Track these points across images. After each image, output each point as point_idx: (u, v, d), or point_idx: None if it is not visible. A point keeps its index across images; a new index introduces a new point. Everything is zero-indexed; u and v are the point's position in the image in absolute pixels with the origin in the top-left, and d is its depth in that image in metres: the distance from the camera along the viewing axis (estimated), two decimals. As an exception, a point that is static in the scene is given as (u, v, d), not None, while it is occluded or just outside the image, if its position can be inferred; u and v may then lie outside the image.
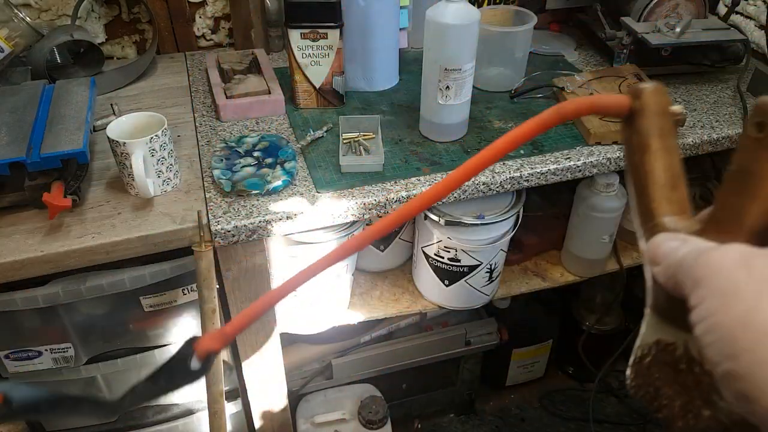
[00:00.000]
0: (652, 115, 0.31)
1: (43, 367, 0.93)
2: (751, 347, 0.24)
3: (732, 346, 0.24)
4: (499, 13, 1.17)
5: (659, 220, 0.30)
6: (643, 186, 0.31)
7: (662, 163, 0.30)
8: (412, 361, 1.33)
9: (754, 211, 0.26)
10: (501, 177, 0.92)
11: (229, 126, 1.03)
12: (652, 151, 0.30)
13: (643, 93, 0.31)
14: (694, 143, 1.01)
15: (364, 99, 1.11)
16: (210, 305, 0.85)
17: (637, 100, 0.31)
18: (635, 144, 0.31)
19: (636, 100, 0.31)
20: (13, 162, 0.78)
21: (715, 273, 0.26)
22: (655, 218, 0.30)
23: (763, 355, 0.23)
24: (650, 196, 0.30)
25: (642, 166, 0.31)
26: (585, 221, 1.12)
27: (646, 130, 0.31)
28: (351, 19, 1.03)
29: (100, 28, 1.21)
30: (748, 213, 0.26)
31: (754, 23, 1.26)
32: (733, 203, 0.27)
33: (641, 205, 0.31)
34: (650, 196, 0.30)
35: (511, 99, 1.11)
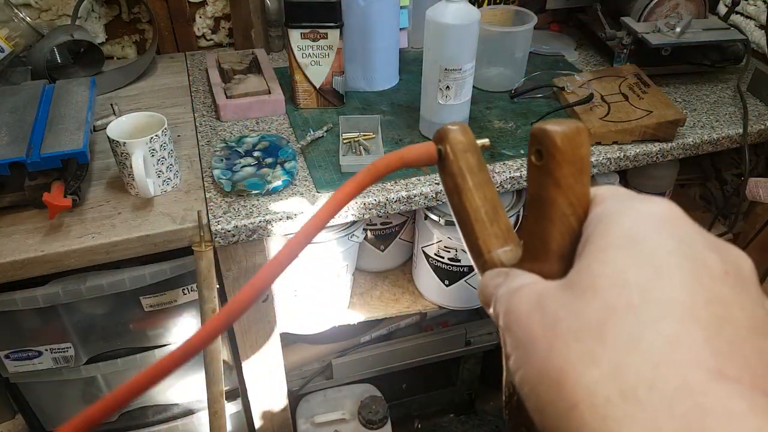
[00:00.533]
0: (460, 155, 0.31)
1: (43, 367, 0.93)
2: (551, 400, 0.21)
3: (537, 401, 0.22)
4: (499, 13, 1.17)
5: (486, 257, 0.30)
6: (466, 225, 0.31)
7: (478, 200, 0.31)
8: (412, 361, 1.33)
9: (555, 235, 0.26)
10: (501, 177, 0.92)
11: (229, 126, 1.03)
12: (466, 190, 0.31)
13: (446, 136, 0.31)
14: (694, 143, 1.01)
15: (364, 99, 1.11)
16: (210, 305, 0.85)
17: (442, 144, 0.31)
18: (451, 186, 0.31)
19: (440, 144, 0.32)
20: (13, 162, 0.78)
21: (516, 321, 0.24)
22: (483, 255, 0.30)
23: (562, 407, 0.20)
24: (475, 233, 0.30)
25: (462, 207, 0.31)
26: (585, 221, 1.12)
27: (456, 171, 0.31)
28: (351, 19, 1.03)
29: (100, 28, 1.21)
30: (550, 238, 0.26)
31: (754, 23, 1.26)
32: (535, 230, 0.26)
33: (470, 245, 0.31)
34: (475, 233, 0.30)
35: (511, 99, 1.11)
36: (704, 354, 0.19)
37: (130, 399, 0.28)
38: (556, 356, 0.21)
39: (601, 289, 0.21)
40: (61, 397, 1.04)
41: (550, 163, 0.25)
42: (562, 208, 0.25)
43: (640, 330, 0.20)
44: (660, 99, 1.02)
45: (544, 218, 0.26)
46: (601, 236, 0.23)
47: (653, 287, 0.20)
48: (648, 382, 0.19)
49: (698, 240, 0.22)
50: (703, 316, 0.20)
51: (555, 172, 0.25)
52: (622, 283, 0.21)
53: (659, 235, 0.22)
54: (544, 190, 0.25)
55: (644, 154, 0.99)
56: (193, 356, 0.29)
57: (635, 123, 0.98)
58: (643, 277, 0.21)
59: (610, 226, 0.23)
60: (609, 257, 0.22)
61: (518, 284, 0.25)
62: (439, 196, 0.90)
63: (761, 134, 1.05)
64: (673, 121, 0.98)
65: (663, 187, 1.17)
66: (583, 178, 0.25)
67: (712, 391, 0.18)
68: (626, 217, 0.23)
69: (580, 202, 0.25)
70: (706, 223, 1.26)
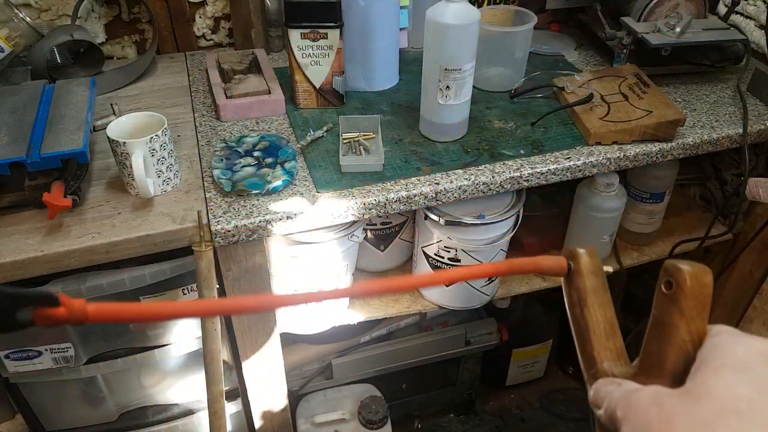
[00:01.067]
0: (588, 274, 0.36)
1: (43, 367, 0.93)
2: None
3: None
4: (499, 13, 1.17)
5: (599, 366, 0.34)
6: (584, 336, 0.35)
7: (599, 316, 0.35)
8: (412, 361, 1.33)
9: (671, 356, 0.30)
10: (501, 177, 0.92)
11: (229, 126, 1.03)
12: (589, 305, 0.35)
13: (578, 256, 0.36)
14: (694, 143, 1.01)
15: (364, 99, 1.11)
16: (210, 305, 0.85)
17: (573, 262, 0.37)
18: (575, 299, 0.36)
19: (572, 261, 0.37)
20: (13, 162, 0.78)
21: (634, 411, 0.30)
22: (596, 365, 0.34)
23: None
24: (591, 345, 0.35)
25: (582, 319, 0.35)
26: (585, 221, 1.12)
27: (583, 288, 0.36)
28: (351, 19, 1.03)
29: (100, 28, 1.21)
30: (666, 358, 0.30)
31: (754, 23, 1.26)
32: (654, 350, 0.31)
33: (583, 353, 0.36)
34: (591, 345, 0.35)
35: (511, 99, 1.11)
36: None
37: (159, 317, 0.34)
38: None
39: (715, 396, 0.27)
40: (61, 397, 1.04)
41: (679, 295, 0.30)
42: (682, 334, 0.30)
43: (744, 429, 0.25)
44: (660, 99, 1.02)
45: (665, 341, 0.30)
46: (716, 359, 0.29)
47: (758, 400, 0.26)
48: None
49: None
50: None
51: (681, 303, 0.30)
52: (732, 394, 0.27)
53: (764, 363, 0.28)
54: (668, 316, 0.30)
55: (644, 154, 0.99)
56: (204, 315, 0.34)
57: (635, 123, 0.98)
58: (751, 392, 0.27)
59: (725, 352, 0.29)
60: (722, 375, 0.28)
61: (636, 387, 0.31)
62: (439, 196, 0.90)
63: (761, 134, 1.05)
64: (673, 121, 0.98)
65: (663, 187, 1.17)
66: (704, 313, 0.30)
67: None
68: (739, 347, 0.29)
69: (698, 332, 0.30)
70: (706, 223, 1.26)
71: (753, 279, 1.30)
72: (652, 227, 1.24)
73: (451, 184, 0.90)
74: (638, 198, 1.19)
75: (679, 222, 1.32)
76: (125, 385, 1.06)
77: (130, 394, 1.08)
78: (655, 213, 1.21)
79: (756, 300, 1.32)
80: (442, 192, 0.90)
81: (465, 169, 0.93)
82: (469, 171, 0.93)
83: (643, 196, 1.18)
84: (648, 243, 1.27)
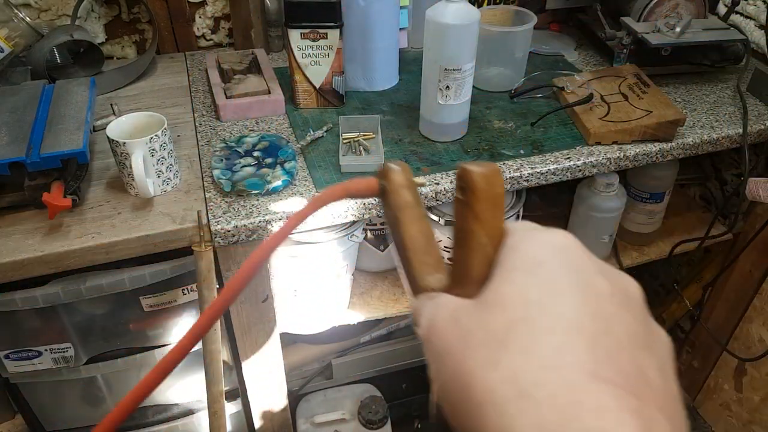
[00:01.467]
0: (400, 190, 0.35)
1: (43, 367, 0.93)
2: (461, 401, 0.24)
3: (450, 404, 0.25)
4: (499, 13, 1.17)
5: (420, 283, 0.33)
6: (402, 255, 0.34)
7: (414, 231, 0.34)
8: (412, 361, 1.33)
9: (475, 263, 0.29)
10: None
11: (229, 126, 1.03)
12: (403, 221, 0.34)
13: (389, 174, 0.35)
14: (694, 143, 1.01)
15: (364, 99, 1.11)
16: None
17: (384, 180, 0.36)
18: (391, 219, 0.35)
19: (383, 180, 0.36)
20: (13, 162, 0.78)
21: (435, 333, 0.27)
22: (417, 281, 0.33)
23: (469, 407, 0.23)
24: (410, 262, 0.34)
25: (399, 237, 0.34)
26: (585, 221, 1.12)
27: (395, 205, 0.35)
28: (351, 19, 1.03)
29: (100, 28, 1.21)
30: (470, 265, 0.29)
31: (754, 23, 1.26)
32: (458, 257, 0.30)
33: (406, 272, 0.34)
34: (410, 262, 0.34)
35: (511, 99, 1.11)
36: (585, 360, 0.22)
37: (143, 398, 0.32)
38: (467, 363, 0.24)
39: (507, 306, 0.25)
40: (61, 397, 1.04)
41: (471, 199, 0.28)
42: (481, 238, 0.29)
43: (535, 339, 0.23)
44: (660, 99, 1.02)
45: (466, 247, 0.29)
46: (509, 261, 0.27)
47: (548, 304, 0.24)
48: (538, 383, 0.22)
49: (590, 265, 0.26)
50: (587, 329, 0.23)
51: (475, 207, 0.28)
52: (523, 300, 0.24)
53: (556, 261, 0.26)
54: (465, 221, 0.29)
55: (644, 154, 0.99)
56: (191, 348, 0.33)
57: (635, 123, 0.98)
58: (541, 295, 0.24)
59: (516, 252, 0.27)
60: (514, 278, 0.26)
61: (439, 302, 0.28)
62: (439, 195, 0.90)
63: (761, 134, 1.05)
64: (673, 121, 0.98)
65: (663, 187, 1.17)
66: (498, 213, 0.29)
67: (589, 390, 0.21)
68: (530, 245, 0.27)
69: (496, 234, 0.29)
70: (706, 223, 1.26)
71: (753, 279, 1.30)
72: (652, 227, 1.24)
73: (451, 184, 0.90)
74: (638, 198, 1.19)
75: (679, 222, 1.32)
76: (125, 385, 1.06)
77: (130, 394, 1.08)
78: (655, 213, 1.21)
79: (756, 300, 1.32)
80: (442, 192, 0.90)
81: (465, 169, 0.93)
82: (469, 171, 0.93)
83: (643, 196, 1.18)
84: (648, 243, 1.27)
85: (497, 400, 0.22)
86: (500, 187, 0.29)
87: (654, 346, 0.25)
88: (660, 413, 0.22)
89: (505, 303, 0.25)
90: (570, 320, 0.23)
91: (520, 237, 0.28)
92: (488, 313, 0.25)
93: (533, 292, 0.24)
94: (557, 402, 0.21)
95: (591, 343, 0.22)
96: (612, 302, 0.24)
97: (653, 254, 1.25)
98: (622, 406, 0.21)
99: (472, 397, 0.23)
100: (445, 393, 0.25)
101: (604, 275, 0.26)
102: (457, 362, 0.24)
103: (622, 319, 0.24)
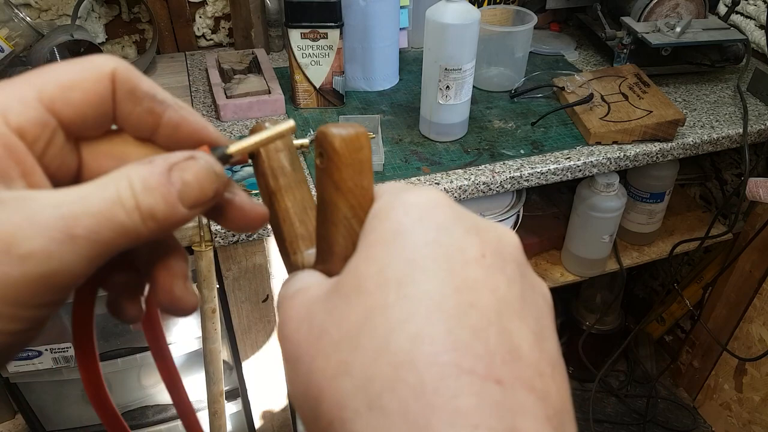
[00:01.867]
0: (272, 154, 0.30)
1: (43, 367, 0.93)
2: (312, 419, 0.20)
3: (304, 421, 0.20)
4: (499, 13, 1.17)
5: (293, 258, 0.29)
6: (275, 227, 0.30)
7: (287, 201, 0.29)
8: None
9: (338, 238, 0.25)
10: (501, 177, 0.92)
11: (229, 126, 1.03)
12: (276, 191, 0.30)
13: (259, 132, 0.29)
14: (694, 143, 1.01)
15: (364, 99, 1.11)
16: (210, 305, 0.85)
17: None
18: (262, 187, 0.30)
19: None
20: (13, 162, 0.78)
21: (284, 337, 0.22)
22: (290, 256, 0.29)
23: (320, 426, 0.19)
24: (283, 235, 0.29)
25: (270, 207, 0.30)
26: (585, 221, 1.12)
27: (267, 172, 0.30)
28: (351, 19, 1.03)
29: (100, 27, 1.21)
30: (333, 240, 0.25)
31: (754, 23, 1.26)
32: (322, 232, 0.26)
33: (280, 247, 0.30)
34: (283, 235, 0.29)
35: (511, 99, 1.11)
36: (443, 348, 0.18)
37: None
38: (317, 372, 0.20)
39: (363, 291, 0.20)
40: (61, 397, 1.04)
41: (331, 167, 0.25)
42: (343, 210, 0.25)
43: (390, 331, 0.19)
44: (660, 99, 1.02)
45: (328, 221, 0.25)
46: (370, 233, 0.22)
47: (408, 283, 0.19)
48: (391, 387, 0.18)
49: (459, 225, 0.22)
50: (449, 306, 0.19)
51: (335, 175, 0.25)
52: (381, 281, 0.20)
53: (420, 225, 0.21)
54: (326, 192, 0.25)
55: (644, 154, 0.99)
56: None
57: (635, 123, 0.98)
58: (401, 273, 0.20)
59: (379, 221, 0.22)
60: (374, 254, 0.21)
61: (295, 289, 0.23)
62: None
63: (761, 134, 1.05)
64: (673, 121, 0.98)
65: (663, 187, 1.17)
66: (364, 180, 0.25)
67: (443, 389, 0.17)
68: (392, 211, 0.22)
69: (361, 205, 0.24)
70: (706, 223, 1.26)
71: (753, 279, 1.30)
72: (652, 227, 1.24)
73: (451, 184, 0.90)
74: (638, 198, 1.19)
75: (679, 222, 1.32)
76: (125, 385, 1.06)
77: (130, 394, 1.08)
78: (655, 213, 1.21)
79: (756, 300, 1.32)
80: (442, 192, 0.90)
81: (465, 169, 0.93)
82: (469, 171, 0.93)
83: (643, 196, 1.18)
84: (648, 243, 1.27)
85: (346, 416, 0.18)
86: (365, 151, 0.25)
87: (529, 308, 0.21)
88: (531, 394, 0.18)
89: (362, 287, 0.20)
90: (432, 299, 0.19)
91: (385, 203, 0.23)
92: (344, 303, 0.20)
93: (392, 270, 0.20)
94: (408, 411, 0.17)
95: (454, 323, 0.19)
96: (482, 265, 0.20)
97: (653, 254, 1.25)
98: (482, 404, 0.17)
99: (321, 414, 0.19)
100: (297, 405, 0.21)
101: (476, 233, 0.22)
102: (307, 372, 0.20)
103: (493, 283, 0.20)
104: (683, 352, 1.59)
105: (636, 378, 1.65)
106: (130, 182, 0.21)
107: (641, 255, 1.25)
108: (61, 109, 0.22)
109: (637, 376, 1.65)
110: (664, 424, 1.54)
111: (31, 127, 0.21)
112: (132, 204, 0.21)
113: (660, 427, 1.54)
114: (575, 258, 1.18)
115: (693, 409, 1.58)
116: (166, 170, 0.22)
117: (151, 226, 0.21)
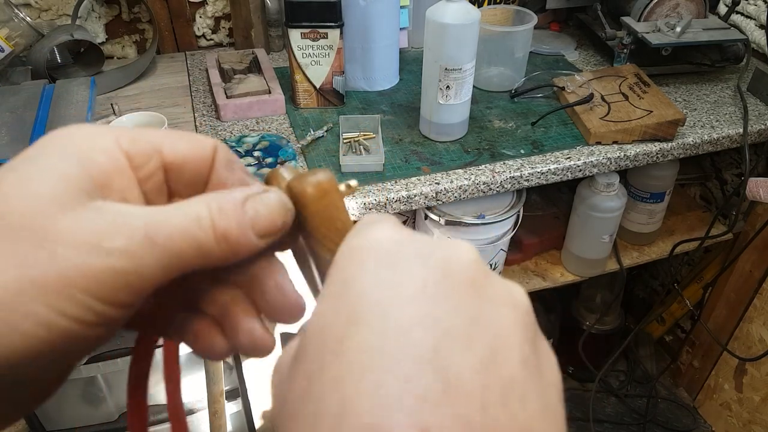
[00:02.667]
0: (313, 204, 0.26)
1: (43, 367, 0.93)
2: None
3: None
4: (499, 13, 1.17)
5: None
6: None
7: None
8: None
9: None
10: (501, 177, 0.92)
11: (229, 126, 1.03)
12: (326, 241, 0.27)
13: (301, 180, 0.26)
14: (694, 143, 1.01)
15: (364, 99, 1.11)
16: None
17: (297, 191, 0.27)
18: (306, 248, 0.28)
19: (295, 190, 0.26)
20: (13, 162, 0.78)
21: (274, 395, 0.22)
22: None
23: None
24: None
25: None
26: (585, 221, 1.12)
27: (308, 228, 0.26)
28: (351, 19, 1.03)
29: (100, 27, 1.21)
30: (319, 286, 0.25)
31: (754, 23, 1.26)
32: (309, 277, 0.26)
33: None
34: None
35: (512, 99, 1.11)
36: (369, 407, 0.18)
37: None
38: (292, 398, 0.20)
39: (307, 355, 0.20)
40: (61, 397, 1.04)
41: (301, 219, 0.25)
42: (323, 256, 0.25)
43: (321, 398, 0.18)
44: (660, 99, 1.02)
45: (309, 268, 0.26)
46: (327, 285, 0.22)
47: (345, 337, 0.19)
48: None
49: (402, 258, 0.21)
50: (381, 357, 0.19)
51: (314, 233, 0.25)
52: (320, 342, 0.19)
53: (366, 274, 0.21)
54: (305, 240, 0.25)
55: (644, 153, 0.99)
56: None
57: (635, 123, 0.98)
58: (339, 330, 0.19)
59: (334, 270, 0.22)
60: (323, 311, 0.21)
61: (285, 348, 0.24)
62: (439, 195, 0.90)
63: (761, 134, 1.05)
64: (673, 121, 0.98)
65: (663, 187, 1.17)
66: (336, 223, 0.25)
67: None
68: (342, 257, 0.22)
69: (340, 242, 0.24)
70: (706, 223, 1.26)
71: (753, 279, 1.30)
72: (652, 227, 1.24)
73: (451, 183, 0.90)
74: (638, 198, 1.19)
75: (679, 222, 1.32)
76: (125, 385, 1.06)
77: (130, 394, 1.08)
78: (655, 213, 1.21)
79: (756, 300, 1.32)
80: (443, 192, 0.90)
81: (465, 169, 0.93)
82: (469, 171, 0.93)
83: (643, 196, 1.18)
84: (648, 243, 1.27)
85: None
86: (330, 195, 0.25)
87: (482, 330, 0.19)
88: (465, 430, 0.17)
89: (306, 350, 0.20)
90: (365, 353, 0.18)
91: (343, 248, 0.23)
92: (294, 367, 0.20)
93: (331, 328, 0.19)
94: None
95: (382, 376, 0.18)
96: (421, 299, 0.20)
97: (653, 254, 1.25)
98: None
99: None
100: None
101: (421, 262, 0.21)
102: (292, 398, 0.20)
103: (432, 318, 0.19)
104: (683, 352, 1.59)
105: (636, 378, 1.65)
106: (208, 205, 0.23)
107: (641, 255, 1.25)
108: (167, 152, 0.25)
109: (637, 376, 1.65)
110: (664, 424, 1.54)
111: (137, 154, 0.24)
112: (208, 223, 0.23)
113: (660, 427, 1.54)
114: (575, 258, 1.18)
115: (693, 409, 1.58)
116: (242, 199, 0.24)
117: (223, 246, 0.23)
